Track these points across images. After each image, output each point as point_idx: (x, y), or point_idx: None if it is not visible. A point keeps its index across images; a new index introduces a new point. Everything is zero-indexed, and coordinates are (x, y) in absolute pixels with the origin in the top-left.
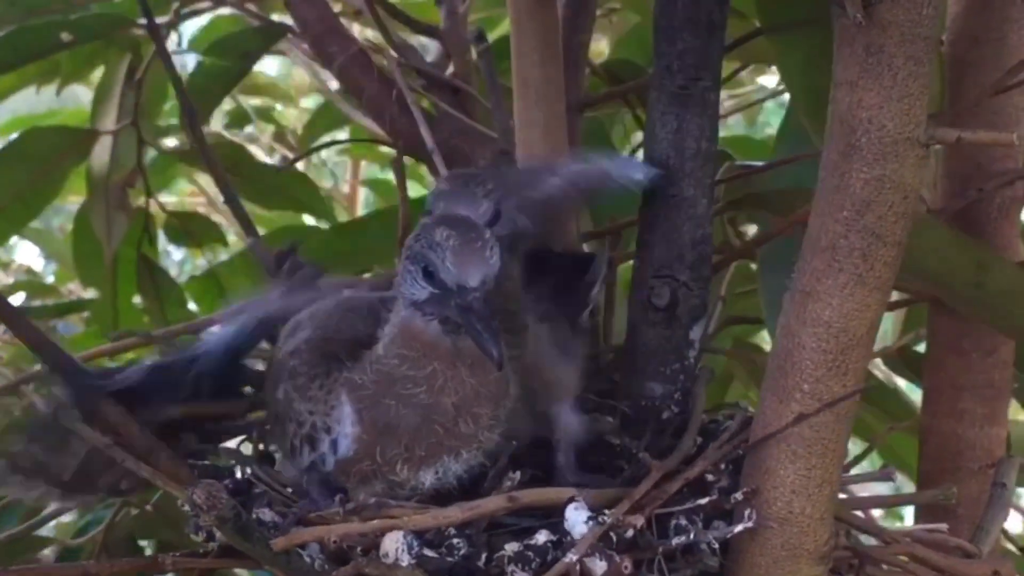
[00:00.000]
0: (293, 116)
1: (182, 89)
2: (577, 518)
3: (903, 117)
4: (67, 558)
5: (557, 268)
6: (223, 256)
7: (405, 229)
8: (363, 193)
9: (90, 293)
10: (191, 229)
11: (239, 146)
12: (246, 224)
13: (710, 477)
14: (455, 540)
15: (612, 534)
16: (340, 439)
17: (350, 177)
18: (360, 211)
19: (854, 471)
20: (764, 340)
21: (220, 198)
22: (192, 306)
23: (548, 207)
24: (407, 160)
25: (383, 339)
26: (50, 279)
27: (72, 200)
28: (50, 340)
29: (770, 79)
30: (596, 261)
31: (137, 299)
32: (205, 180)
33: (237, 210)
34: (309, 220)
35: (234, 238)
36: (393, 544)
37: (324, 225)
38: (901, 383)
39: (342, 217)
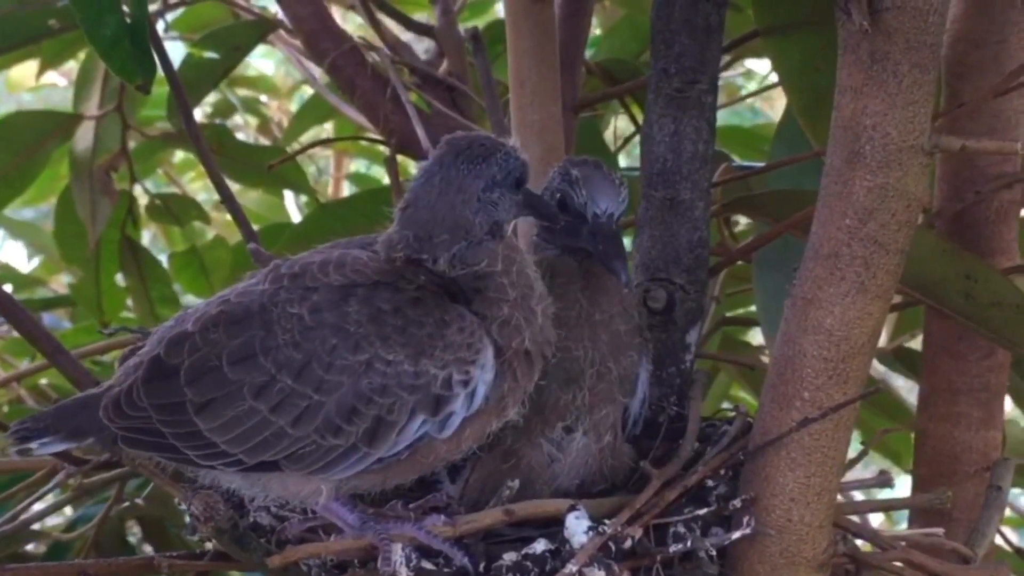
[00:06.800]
0: (275, 107)
1: (176, 79)
2: (578, 527)
3: (907, 125)
4: (58, 553)
5: None
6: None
7: None
8: (347, 188)
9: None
10: (172, 208)
11: (222, 127)
12: (244, 224)
13: (709, 483)
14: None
15: (611, 543)
16: (479, 387)
17: (334, 171)
18: None
19: (851, 473)
20: (753, 338)
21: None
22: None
23: None
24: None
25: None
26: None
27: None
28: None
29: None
30: None
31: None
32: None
33: (234, 210)
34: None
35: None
36: (391, 556)
37: None
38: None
39: None
